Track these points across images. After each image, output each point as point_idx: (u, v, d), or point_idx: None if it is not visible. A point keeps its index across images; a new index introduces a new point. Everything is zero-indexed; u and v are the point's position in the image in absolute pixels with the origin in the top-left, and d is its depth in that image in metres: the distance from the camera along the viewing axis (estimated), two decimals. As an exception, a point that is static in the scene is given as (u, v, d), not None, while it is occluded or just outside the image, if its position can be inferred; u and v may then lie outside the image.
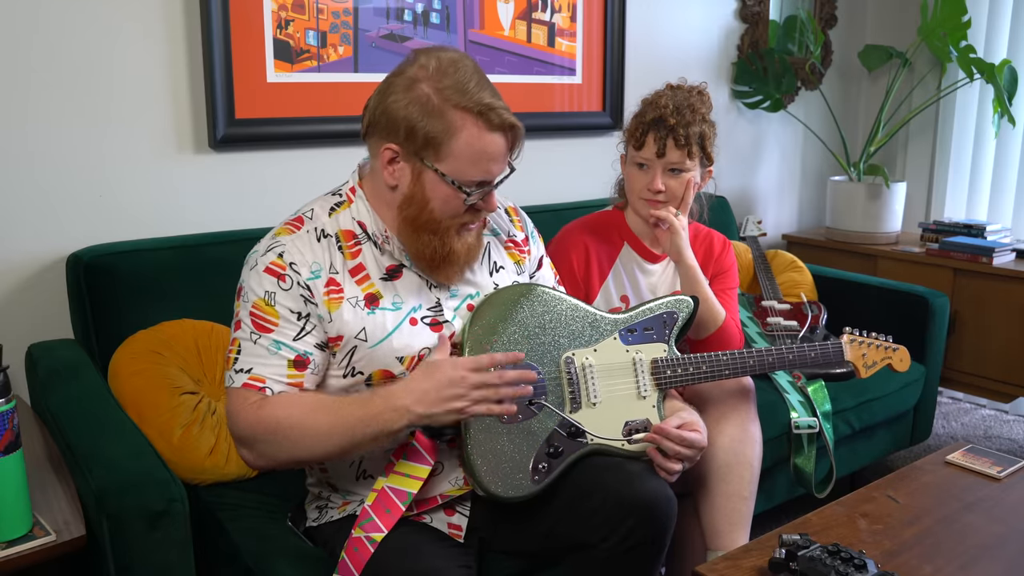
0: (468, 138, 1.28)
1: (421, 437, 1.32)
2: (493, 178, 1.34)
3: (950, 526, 1.43)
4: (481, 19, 2.37)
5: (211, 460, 1.62)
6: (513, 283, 1.48)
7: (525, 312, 1.44)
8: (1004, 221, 3.24)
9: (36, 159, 1.80)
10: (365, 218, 1.38)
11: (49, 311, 1.85)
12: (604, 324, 1.51)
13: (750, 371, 1.62)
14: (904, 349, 1.72)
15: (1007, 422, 3.12)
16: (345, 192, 1.41)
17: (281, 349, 1.30)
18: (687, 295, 1.61)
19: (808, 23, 3.16)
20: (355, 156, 2.28)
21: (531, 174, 2.59)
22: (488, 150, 1.30)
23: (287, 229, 1.35)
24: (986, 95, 3.18)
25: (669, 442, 1.42)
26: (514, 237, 1.56)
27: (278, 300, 1.30)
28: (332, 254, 1.34)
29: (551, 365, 1.45)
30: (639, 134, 1.78)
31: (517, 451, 1.37)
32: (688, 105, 1.76)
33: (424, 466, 1.32)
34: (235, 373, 1.31)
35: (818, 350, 1.66)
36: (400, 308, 1.36)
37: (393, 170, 1.32)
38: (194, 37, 1.94)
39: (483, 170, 1.31)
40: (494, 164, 1.32)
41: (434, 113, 1.27)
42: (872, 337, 1.70)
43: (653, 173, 1.77)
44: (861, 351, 1.69)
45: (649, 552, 1.34)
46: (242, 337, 1.32)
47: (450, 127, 1.27)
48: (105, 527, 1.21)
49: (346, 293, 1.33)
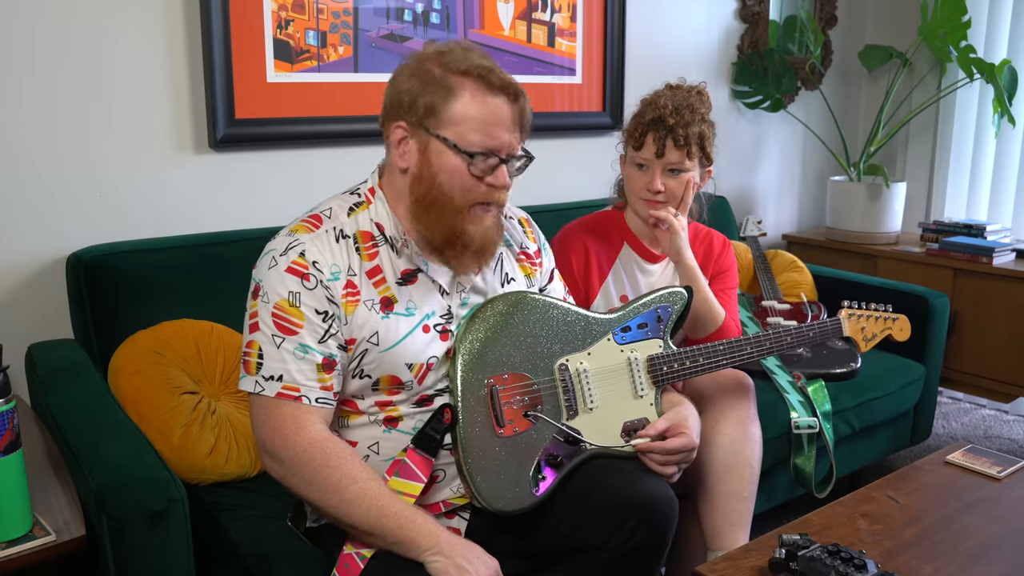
0: (469, 100, 1.27)
1: (414, 454, 1.31)
2: (500, 146, 1.30)
3: (950, 526, 1.43)
4: (481, 19, 2.37)
5: (211, 460, 1.62)
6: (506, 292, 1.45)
7: (516, 322, 1.41)
8: (1004, 221, 3.24)
9: (36, 159, 1.80)
10: (384, 220, 1.36)
11: (49, 311, 1.85)
12: (597, 326, 1.49)
13: (748, 358, 1.61)
14: (904, 318, 1.70)
15: (1007, 422, 3.12)
16: (364, 192, 1.39)
17: (308, 353, 1.27)
18: (680, 287, 1.59)
19: (808, 23, 3.17)
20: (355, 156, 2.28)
21: (531, 174, 2.58)
22: (491, 113, 1.28)
23: (305, 227, 1.32)
24: (986, 95, 3.18)
25: (655, 457, 1.42)
26: (526, 249, 1.54)
27: (303, 301, 1.27)
28: (350, 255, 1.32)
29: (545, 374, 1.42)
30: (638, 134, 1.77)
31: (516, 464, 1.35)
32: (687, 105, 1.75)
33: (416, 483, 1.30)
34: (264, 380, 1.27)
35: (816, 328, 1.65)
36: (414, 314, 1.34)
37: (403, 151, 1.32)
38: (194, 37, 1.94)
39: (487, 135, 1.28)
40: (499, 129, 1.29)
41: (435, 81, 1.28)
42: (871, 309, 1.69)
43: (652, 173, 1.77)
44: (860, 325, 1.68)
45: (650, 553, 1.34)
46: (262, 340, 1.28)
47: (451, 91, 1.27)
48: (105, 527, 1.21)
49: (362, 295, 1.31)
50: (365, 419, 1.36)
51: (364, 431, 1.36)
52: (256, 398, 1.29)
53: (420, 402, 1.36)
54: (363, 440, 1.36)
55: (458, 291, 1.40)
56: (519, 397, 1.38)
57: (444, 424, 1.32)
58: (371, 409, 1.35)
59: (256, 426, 1.30)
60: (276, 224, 1.40)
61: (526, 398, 1.38)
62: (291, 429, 1.26)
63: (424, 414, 1.35)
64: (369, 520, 1.23)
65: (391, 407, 1.35)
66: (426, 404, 1.36)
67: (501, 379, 1.37)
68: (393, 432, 1.35)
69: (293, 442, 1.25)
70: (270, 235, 1.36)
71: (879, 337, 1.69)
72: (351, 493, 1.23)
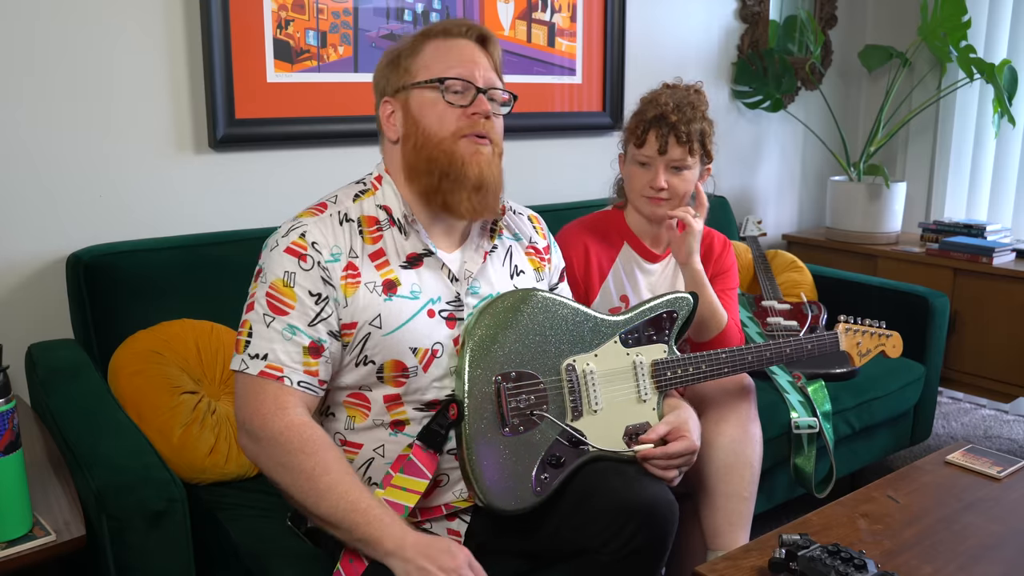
0: (433, 47, 1.35)
1: (419, 451, 1.31)
2: (471, 75, 1.34)
3: (950, 526, 1.43)
4: (481, 19, 2.37)
5: (211, 460, 1.62)
6: (513, 288, 1.45)
7: (524, 319, 1.40)
8: (1004, 221, 3.24)
9: (36, 159, 1.80)
10: (392, 202, 1.38)
11: (49, 311, 1.85)
12: (605, 327, 1.49)
13: (749, 367, 1.62)
14: (897, 335, 1.75)
15: (1007, 422, 3.12)
16: (370, 181, 1.42)
17: (296, 334, 1.27)
18: (686, 292, 1.60)
19: (808, 23, 3.17)
20: (355, 156, 2.28)
21: (531, 174, 2.60)
22: (455, 49, 1.35)
23: (310, 212, 1.35)
24: (986, 95, 3.18)
25: (656, 462, 1.42)
26: (535, 244, 1.55)
27: (297, 281, 1.28)
28: (353, 238, 1.33)
29: (552, 373, 1.42)
30: (640, 132, 1.78)
31: (519, 463, 1.35)
32: (688, 103, 1.76)
33: (422, 480, 1.30)
34: (249, 358, 1.27)
35: (815, 342, 1.68)
36: (418, 297, 1.34)
37: (392, 122, 1.37)
38: (194, 37, 1.94)
39: (456, 68, 1.33)
40: (466, 61, 1.35)
41: (405, 50, 1.37)
42: (866, 325, 1.72)
43: (655, 171, 1.77)
44: (855, 340, 1.72)
45: (650, 557, 1.34)
46: (254, 319, 1.28)
47: (416, 49, 1.36)
48: (105, 527, 1.21)
49: (363, 278, 1.31)
50: (371, 422, 1.35)
51: (371, 434, 1.36)
52: (240, 376, 1.29)
53: (427, 405, 1.35)
54: (369, 443, 1.36)
55: (467, 277, 1.40)
56: (525, 396, 1.38)
57: (450, 419, 1.32)
58: (379, 412, 1.35)
59: (237, 405, 1.30)
60: (276, 224, 1.40)
61: (532, 397, 1.38)
62: (270, 409, 1.25)
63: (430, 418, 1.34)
64: (337, 513, 1.21)
65: (398, 408, 1.35)
66: (432, 407, 1.36)
67: (508, 377, 1.37)
68: (400, 435, 1.35)
69: (271, 422, 1.24)
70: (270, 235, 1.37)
71: (873, 353, 1.75)
72: (323, 483, 1.22)
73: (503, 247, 1.49)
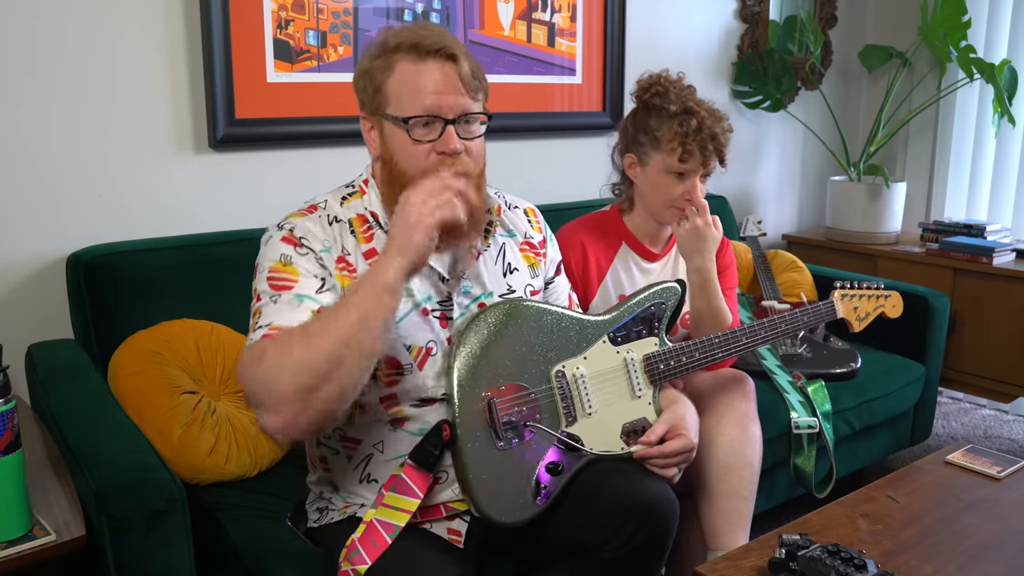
0: (400, 72, 1.29)
1: (411, 470, 1.30)
2: (438, 108, 1.27)
3: (950, 526, 1.43)
4: (481, 19, 2.37)
5: (211, 460, 1.62)
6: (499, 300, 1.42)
7: (510, 332, 1.38)
8: (1004, 221, 3.23)
9: (36, 159, 1.80)
10: (377, 207, 1.37)
11: (49, 311, 1.85)
12: (591, 329, 1.48)
13: (744, 348, 1.61)
14: (896, 294, 1.71)
15: (1007, 422, 3.11)
16: (358, 184, 1.41)
17: (304, 301, 1.24)
18: (672, 281, 1.58)
19: (808, 23, 3.17)
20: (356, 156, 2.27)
21: (531, 174, 2.60)
22: (423, 77, 1.27)
23: (299, 213, 1.35)
24: (986, 95, 3.18)
25: (655, 461, 1.42)
26: (531, 239, 1.53)
27: (295, 261, 1.28)
28: (344, 237, 1.33)
29: (542, 382, 1.41)
30: (687, 145, 1.71)
31: (517, 476, 1.34)
32: (715, 113, 1.75)
33: (413, 499, 1.29)
34: (254, 331, 1.22)
35: (810, 312, 1.66)
36: (411, 296, 1.34)
37: (371, 140, 1.35)
38: (194, 37, 1.94)
39: (422, 103, 1.27)
40: (432, 92, 1.27)
41: (377, 65, 1.31)
42: (863, 288, 1.69)
43: (693, 182, 1.76)
44: (853, 304, 1.68)
45: (651, 554, 1.34)
46: (262, 305, 1.25)
47: (388, 67, 1.30)
48: (105, 527, 1.22)
49: (358, 272, 1.31)
50: (370, 417, 1.35)
51: (370, 429, 1.36)
52: (245, 351, 1.22)
53: (423, 401, 1.35)
54: (368, 438, 1.36)
55: (457, 277, 1.39)
56: (517, 408, 1.37)
57: (443, 441, 1.31)
58: (376, 409, 1.35)
59: (239, 374, 1.21)
60: (277, 223, 1.41)
61: (524, 408, 1.38)
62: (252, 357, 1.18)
63: (428, 414, 1.35)
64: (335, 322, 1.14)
65: (395, 406, 1.35)
66: (429, 404, 1.35)
67: (498, 391, 1.36)
68: (399, 431, 1.35)
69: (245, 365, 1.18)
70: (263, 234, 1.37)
71: (872, 316, 1.70)
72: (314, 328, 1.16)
73: (496, 245, 1.48)
